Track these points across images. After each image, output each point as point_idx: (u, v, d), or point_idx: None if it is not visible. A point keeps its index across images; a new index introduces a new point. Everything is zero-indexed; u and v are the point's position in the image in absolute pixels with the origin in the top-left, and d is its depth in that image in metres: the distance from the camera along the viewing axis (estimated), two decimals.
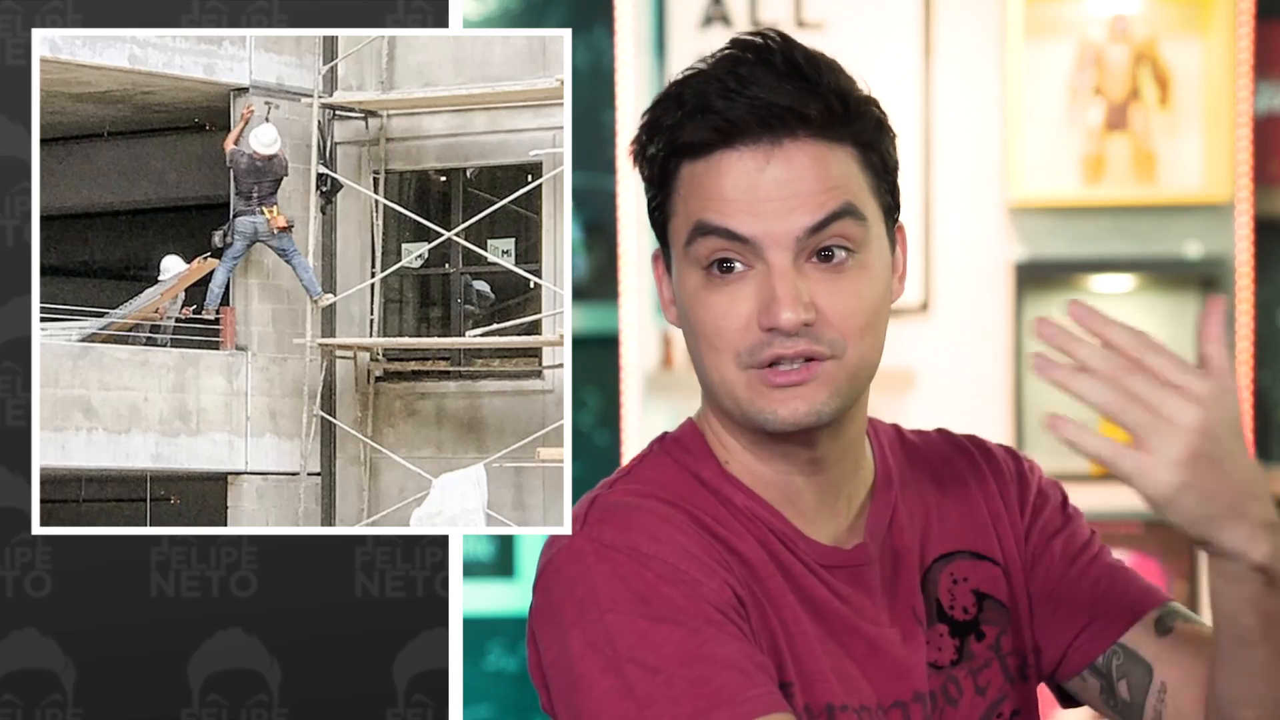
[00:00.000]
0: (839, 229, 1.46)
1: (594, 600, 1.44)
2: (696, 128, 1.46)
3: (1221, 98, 3.69)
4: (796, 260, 1.46)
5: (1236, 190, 3.63)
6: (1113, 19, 3.79)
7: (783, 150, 1.45)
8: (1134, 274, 3.79)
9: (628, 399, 3.78)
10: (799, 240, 1.45)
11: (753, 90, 1.44)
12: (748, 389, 1.48)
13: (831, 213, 1.45)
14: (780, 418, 1.47)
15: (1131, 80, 3.77)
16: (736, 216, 1.45)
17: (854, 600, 1.52)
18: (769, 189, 1.44)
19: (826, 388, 1.47)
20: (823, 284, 1.46)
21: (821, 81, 1.46)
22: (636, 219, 3.82)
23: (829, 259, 1.46)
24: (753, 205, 1.45)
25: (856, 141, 1.49)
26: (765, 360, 1.46)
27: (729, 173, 1.46)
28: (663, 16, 3.89)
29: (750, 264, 1.46)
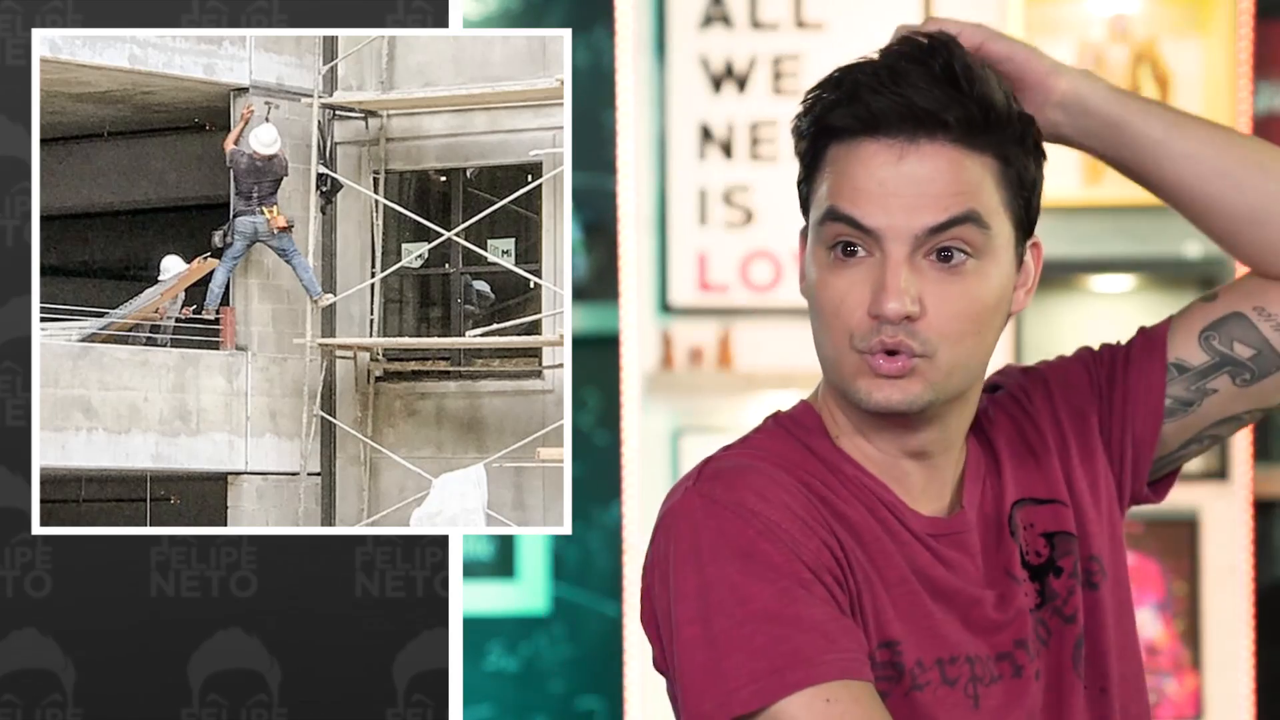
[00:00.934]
0: (959, 233, 1.52)
1: (696, 554, 1.51)
2: (844, 114, 1.54)
3: (1221, 98, 3.70)
4: (914, 256, 1.52)
5: None
6: (1113, 19, 3.80)
7: (919, 149, 1.52)
8: (1134, 274, 3.80)
9: (628, 399, 3.78)
10: (918, 238, 1.51)
11: (902, 88, 1.52)
12: (854, 368, 1.55)
13: (954, 216, 1.52)
14: (874, 400, 1.54)
15: (1131, 80, 3.79)
16: (865, 206, 1.52)
17: (957, 565, 1.60)
18: (899, 184, 1.52)
19: (920, 382, 1.54)
20: (935, 282, 1.52)
21: (971, 91, 1.53)
22: (636, 219, 3.82)
23: (948, 259, 1.52)
24: (882, 198, 1.52)
25: (996, 154, 1.55)
26: (872, 347, 1.53)
27: (867, 162, 1.53)
28: (663, 16, 3.88)
29: (871, 251, 1.53)
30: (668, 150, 3.85)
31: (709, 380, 3.78)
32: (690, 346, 3.81)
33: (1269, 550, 3.78)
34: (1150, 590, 3.68)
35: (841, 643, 1.47)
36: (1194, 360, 1.71)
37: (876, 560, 1.56)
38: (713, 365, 3.79)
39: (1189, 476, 3.39)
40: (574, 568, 4.08)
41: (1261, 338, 1.69)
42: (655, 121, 3.89)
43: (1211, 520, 3.65)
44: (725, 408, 3.79)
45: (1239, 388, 1.71)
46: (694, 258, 3.86)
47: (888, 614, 1.54)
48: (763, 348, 3.74)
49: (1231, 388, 1.71)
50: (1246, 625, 3.56)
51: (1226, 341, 1.70)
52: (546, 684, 4.07)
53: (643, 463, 3.81)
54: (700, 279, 3.84)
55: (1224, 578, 3.62)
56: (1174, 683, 3.67)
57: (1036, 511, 1.67)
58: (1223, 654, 3.62)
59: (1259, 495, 3.63)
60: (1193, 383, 1.72)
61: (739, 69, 3.87)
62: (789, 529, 1.51)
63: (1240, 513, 3.62)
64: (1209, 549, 3.64)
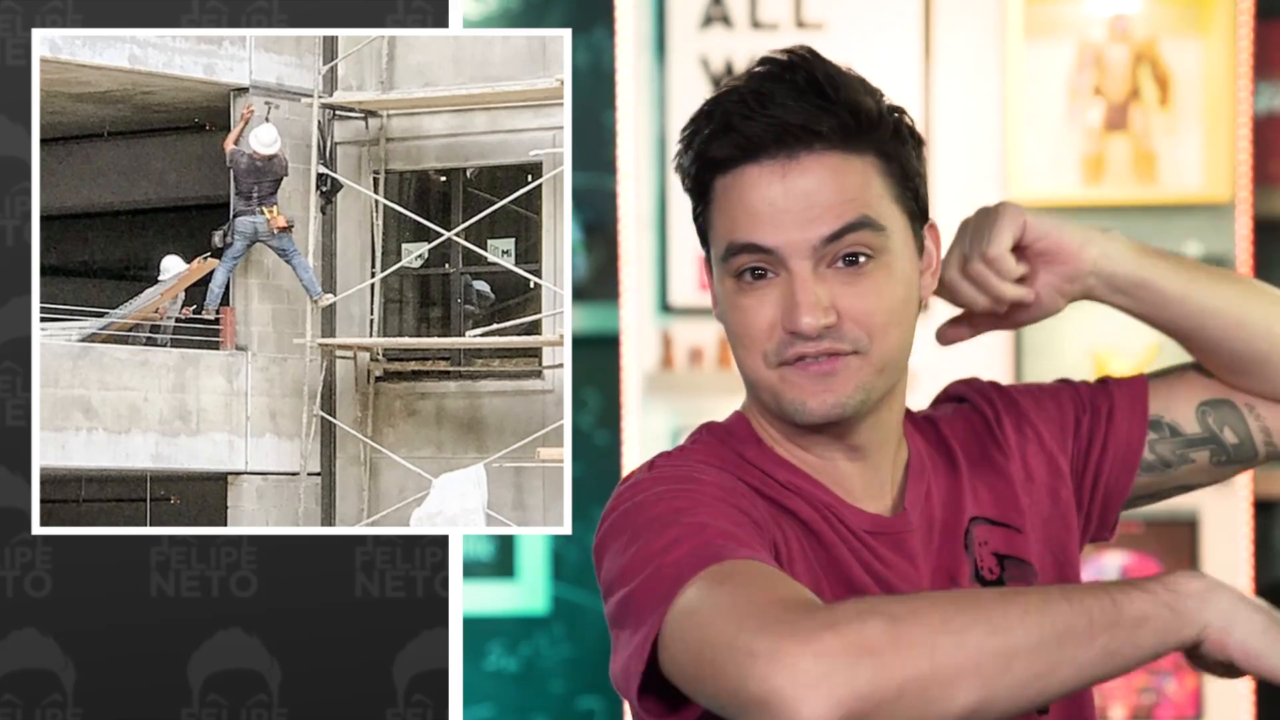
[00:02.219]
0: (855, 239, 1.56)
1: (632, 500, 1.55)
2: (722, 144, 1.57)
3: (1221, 98, 3.70)
4: (817, 267, 1.56)
5: (1236, 190, 3.64)
6: (1112, 19, 3.79)
7: (799, 164, 1.55)
8: None
9: (628, 399, 3.78)
10: (816, 249, 1.55)
11: (771, 109, 1.55)
12: (780, 382, 1.59)
13: (847, 224, 1.55)
14: (810, 409, 1.57)
15: (1131, 80, 3.77)
16: (760, 229, 1.56)
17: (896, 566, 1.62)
18: (787, 201, 1.55)
19: (852, 381, 1.57)
20: (844, 286, 1.56)
21: (839, 98, 1.56)
22: (636, 219, 3.83)
23: (853, 263, 1.56)
24: (774, 217, 1.55)
25: (876, 152, 1.59)
26: (790, 358, 1.57)
27: (752, 186, 1.56)
28: (663, 16, 3.89)
29: (777, 271, 1.56)
30: (668, 150, 3.83)
31: (709, 380, 3.78)
32: (690, 346, 3.81)
33: (1269, 550, 3.78)
34: None
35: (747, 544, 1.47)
36: (1187, 429, 1.80)
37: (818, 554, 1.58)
38: (713, 365, 3.80)
39: None
40: (574, 568, 4.07)
41: (1247, 431, 1.79)
42: (655, 121, 3.89)
43: (1212, 520, 3.66)
44: (725, 408, 3.73)
45: (1212, 466, 1.81)
46: (694, 258, 3.82)
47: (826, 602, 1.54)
48: None
49: (1207, 464, 1.80)
50: None
51: (1219, 423, 1.80)
52: (546, 684, 4.07)
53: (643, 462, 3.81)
54: (700, 279, 3.81)
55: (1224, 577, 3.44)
56: (1174, 683, 3.68)
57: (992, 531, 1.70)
58: None
59: (1259, 496, 3.64)
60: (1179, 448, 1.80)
61: (739, 69, 3.76)
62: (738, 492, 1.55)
63: (1240, 513, 3.62)
64: (1209, 549, 3.66)
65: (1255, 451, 1.80)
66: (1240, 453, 1.80)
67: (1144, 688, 3.66)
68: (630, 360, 3.75)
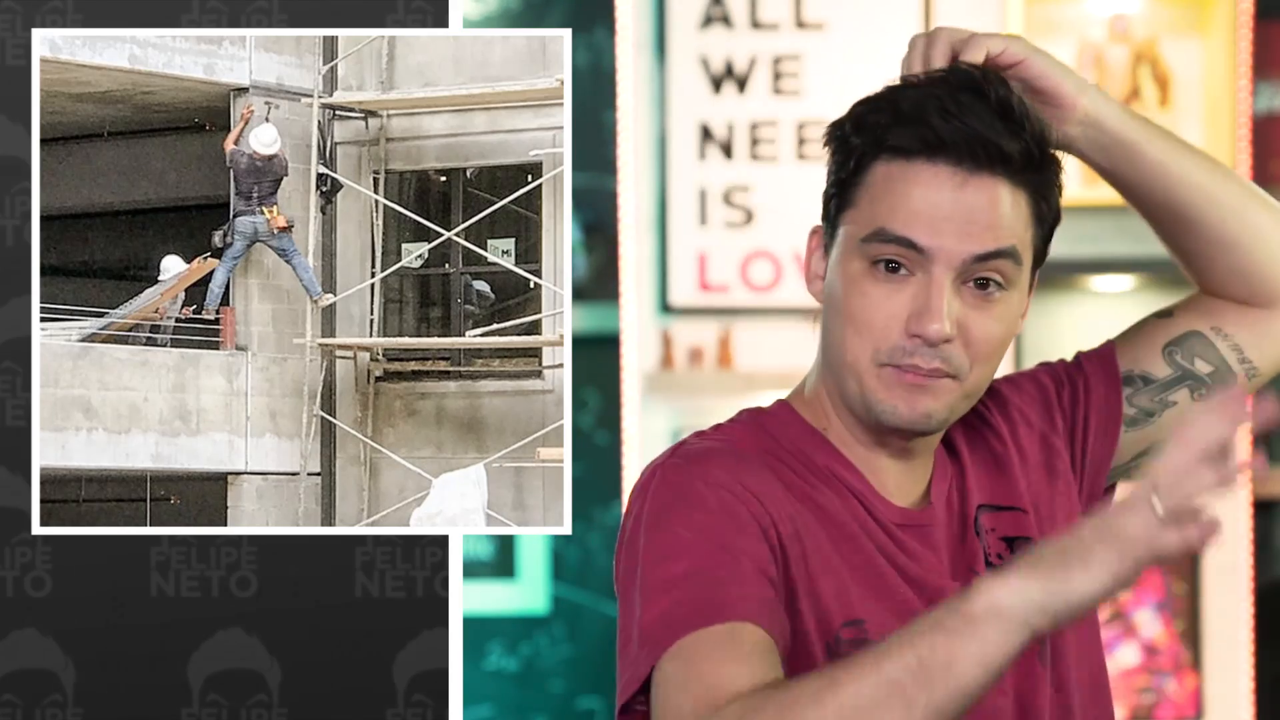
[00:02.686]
0: (999, 265, 1.58)
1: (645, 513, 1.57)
2: (908, 135, 1.58)
3: (1221, 98, 3.70)
4: (955, 281, 1.58)
5: None
6: (1112, 19, 3.80)
7: (975, 180, 1.57)
8: (1134, 274, 3.80)
9: (628, 399, 3.77)
10: (965, 264, 1.57)
11: (967, 117, 1.57)
12: (877, 381, 1.60)
13: (1000, 249, 1.58)
14: (900, 414, 1.60)
15: (1131, 80, 3.78)
16: (918, 228, 1.57)
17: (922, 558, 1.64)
18: (955, 210, 1.57)
19: (944, 400, 1.60)
20: (972, 309, 1.59)
21: (1029, 128, 1.59)
22: (636, 219, 3.81)
23: (984, 288, 1.59)
24: (936, 221, 1.57)
25: (1035, 191, 1.62)
26: (905, 365, 1.59)
27: (923, 185, 1.57)
28: (663, 16, 3.87)
29: (914, 271, 1.58)
30: (668, 150, 3.85)
31: (709, 380, 3.78)
32: (690, 346, 3.80)
33: (1269, 550, 3.78)
34: (1150, 590, 3.69)
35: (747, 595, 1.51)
36: (1158, 373, 1.79)
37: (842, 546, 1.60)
38: (713, 365, 3.78)
39: None
40: (574, 568, 4.07)
41: (1219, 355, 1.78)
42: (655, 121, 3.88)
43: None
44: (725, 408, 3.73)
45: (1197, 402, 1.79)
46: (694, 258, 3.84)
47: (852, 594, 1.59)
48: (763, 348, 3.73)
49: (1189, 402, 1.79)
50: (1246, 625, 3.57)
51: (1189, 357, 1.78)
52: (546, 684, 4.06)
53: (643, 463, 3.78)
54: (700, 279, 3.83)
55: (1224, 577, 3.63)
56: (1174, 682, 3.68)
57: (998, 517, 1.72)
58: (1223, 654, 3.64)
59: (1259, 495, 3.64)
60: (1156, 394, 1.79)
61: (739, 69, 3.85)
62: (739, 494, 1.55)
63: (1240, 513, 3.61)
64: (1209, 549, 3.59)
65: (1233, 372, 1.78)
66: (1219, 378, 1.79)
67: (1144, 688, 3.66)
68: (630, 360, 3.74)
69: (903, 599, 1.61)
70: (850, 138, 1.62)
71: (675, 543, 1.54)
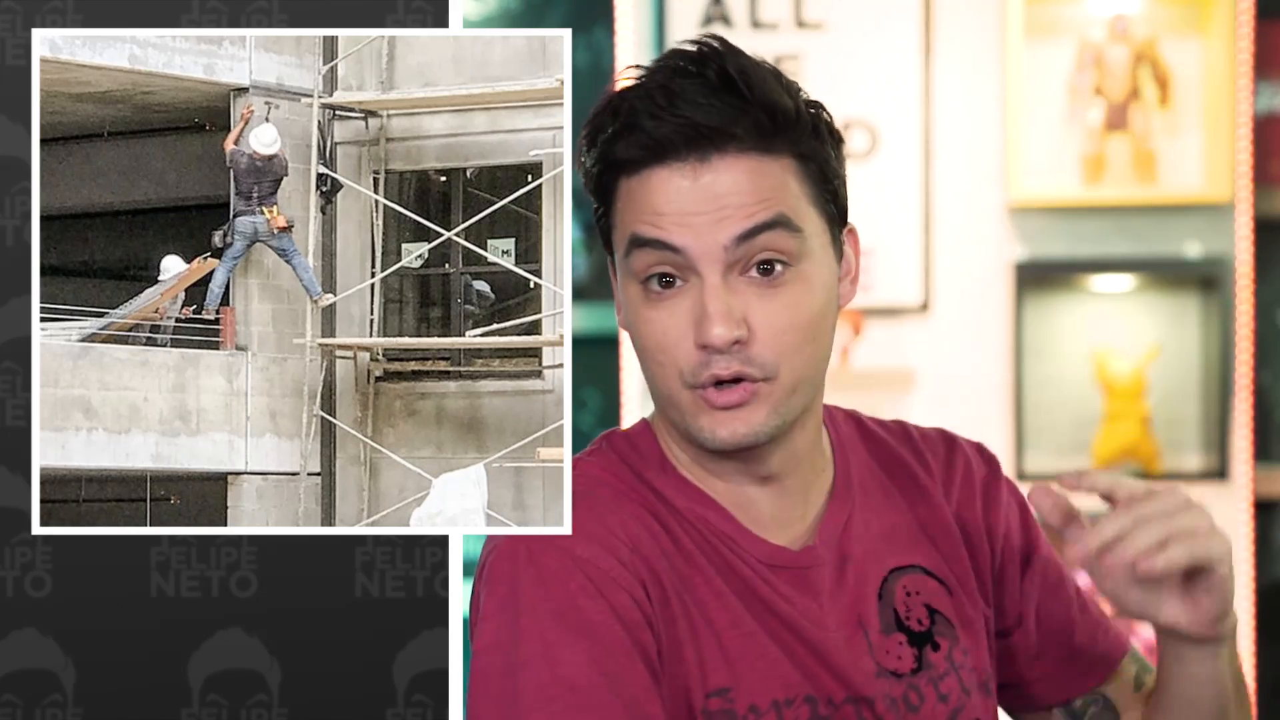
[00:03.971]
0: (769, 240, 1.47)
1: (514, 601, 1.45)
2: (628, 145, 1.49)
3: (1221, 98, 3.71)
4: (729, 275, 1.47)
5: (1236, 190, 3.65)
6: (1113, 19, 3.81)
7: (711, 166, 1.46)
8: (1134, 274, 3.81)
9: (628, 399, 3.84)
10: (728, 251, 1.46)
11: (681, 108, 1.45)
12: (691, 406, 1.50)
13: (761, 223, 1.46)
14: (719, 438, 1.49)
15: (1131, 80, 3.78)
16: (668, 229, 1.47)
17: (797, 602, 1.53)
18: (698, 203, 1.46)
19: (764, 407, 1.48)
20: (757, 299, 1.47)
21: (753, 97, 1.46)
22: None
23: (767, 273, 1.47)
24: (683, 218, 1.46)
25: (793, 153, 1.49)
26: (704, 381, 1.48)
27: (660, 188, 1.47)
28: (663, 16, 3.90)
29: (686, 278, 1.48)
30: None
31: None
32: None
33: (1269, 550, 3.78)
34: None
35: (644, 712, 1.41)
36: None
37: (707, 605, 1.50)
38: None
39: (1189, 476, 3.55)
40: None
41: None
42: None
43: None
44: None
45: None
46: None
47: (716, 661, 1.48)
48: None
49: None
50: (1247, 625, 3.53)
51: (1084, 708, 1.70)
52: None
53: None
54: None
55: None
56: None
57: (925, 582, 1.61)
58: None
59: (1259, 496, 3.63)
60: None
61: None
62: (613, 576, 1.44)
63: (1240, 513, 3.61)
64: None
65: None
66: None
67: None
68: (630, 360, 3.79)
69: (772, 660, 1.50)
70: (588, 163, 1.55)
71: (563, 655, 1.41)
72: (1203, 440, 3.71)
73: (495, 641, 1.45)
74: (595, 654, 1.41)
